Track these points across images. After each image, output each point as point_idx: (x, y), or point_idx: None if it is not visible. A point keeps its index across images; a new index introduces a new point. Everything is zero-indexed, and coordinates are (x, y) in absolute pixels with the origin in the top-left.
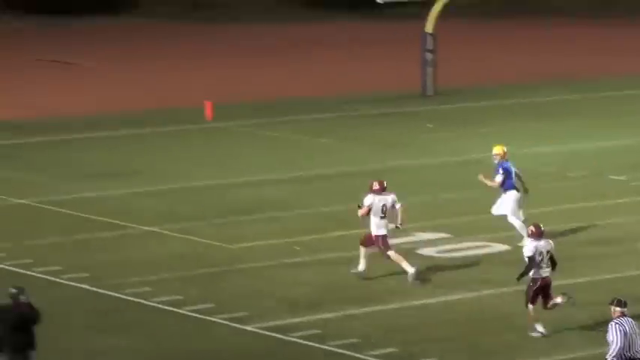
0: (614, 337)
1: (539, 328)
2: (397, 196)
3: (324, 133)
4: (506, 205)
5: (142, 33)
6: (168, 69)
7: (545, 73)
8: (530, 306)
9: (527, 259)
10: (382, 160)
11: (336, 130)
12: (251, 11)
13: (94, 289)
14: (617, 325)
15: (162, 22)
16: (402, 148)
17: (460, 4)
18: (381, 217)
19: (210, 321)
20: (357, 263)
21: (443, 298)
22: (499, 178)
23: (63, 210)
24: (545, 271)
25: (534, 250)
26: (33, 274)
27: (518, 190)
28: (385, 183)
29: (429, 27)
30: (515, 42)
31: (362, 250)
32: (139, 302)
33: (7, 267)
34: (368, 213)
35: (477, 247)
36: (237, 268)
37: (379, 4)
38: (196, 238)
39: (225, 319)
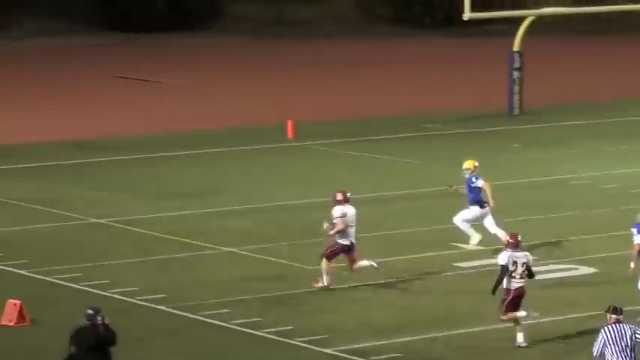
0: (599, 340)
1: (520, 338)
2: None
3: (408, 153)
4: (464, 213)
5: (222, 50)
6: (249, 86)
7: (635, 91)
8: (503, 317)
9: (500, 267)
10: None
11: (420, 150)
12: (334, 27)
13: (171, 310)
14: (604, 330)
15: (244, 38)
16: (487, 168)
17: (547, 20)
18: (350, 227)
19: (290, 343)
20: (321, 277)
21: (525, 322)
22: (465, 190)
23: (140, 230)
24: (519, 282)
25: (508, 260)
26: (109, 294)
27: (482, 207)
28: (348, 194)
29: (516, 44)
30: (604, 59)
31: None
32: (216, 324)
33: (83, 287)
34: (344, 223)
35: (563, 269)
36: (315, 290)
37: (464, 21)
38: (276, 259)
39: (304, 342)
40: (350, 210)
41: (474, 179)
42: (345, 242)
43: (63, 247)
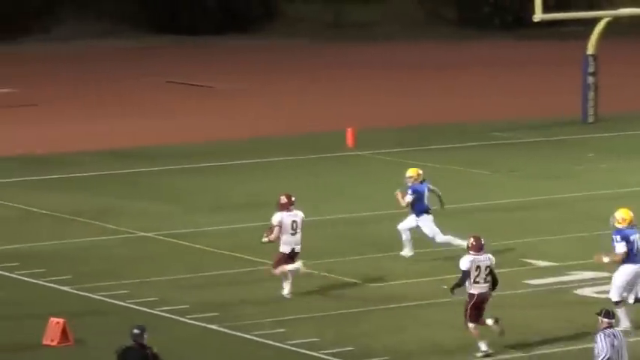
0: (602, 346)
1: (483, 346)
2: (550, 232)
3: (476, 163)
4: (429, 229)
5: (277, 53)
6: (305, 91)
7: None
8: (471, 325)
9: (462, 272)
10: (538, 193)
11: (488, 160)
12: (396, 29)
13: (223, 329)
14: (604, 336)
15: (300, 40)
16: (559, 179)
17: (623, 22)
18: (292, 234)
19: None
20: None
21: (592, 344)
22: (408, 198)
23: (191, 244)
24: (482, 287)
25: (470, 265)
26: (157, 312)
27: (429, 212)
28: (293, 198)
29: (591, 47)
30: None
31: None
32: (271, 344)
33: (130, 305)
34: (279, 232)
35: None
36: (376, 308)
37: (535, 22)
38: (333, 276)
39: None
40: (294, 216)
41: (419, 190)
42: (286, 250)
43: (109, 263)
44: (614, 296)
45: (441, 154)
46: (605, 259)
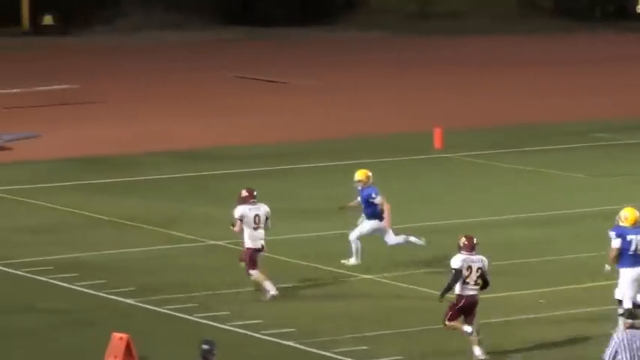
0: (615, 343)
1: (477, 351)
2: None
3: (573, 166)
4: (360, 227)
5: (359, 46)
6: (389, 88)
7: None
8: (448, 322)
9: (453, 272)
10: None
11: (587, 163)
12: (487, 21)
13: (301, 346)
14: (617, 335)
15: (384, 33)
16: None
17: None
18: (255, 229)
19: None
20: (264, 290)
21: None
22: (359, 201)
23: (266, 253)
24: (472, 289)
25: (462, 264)
26: (229, 328)
27: (381, 219)
28: (255, 192)
29: None
30: None
31: (254, 273)
32: None
33: (199, 320)
34: (241, 226)
35: None
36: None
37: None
38: (422, 288)
39: None
40: (257, 209)
41: (373, 194)
42: (255, 246)
43: (175, 273)
44: (628, 303)
45: (536, 156)
46: (607, 267)
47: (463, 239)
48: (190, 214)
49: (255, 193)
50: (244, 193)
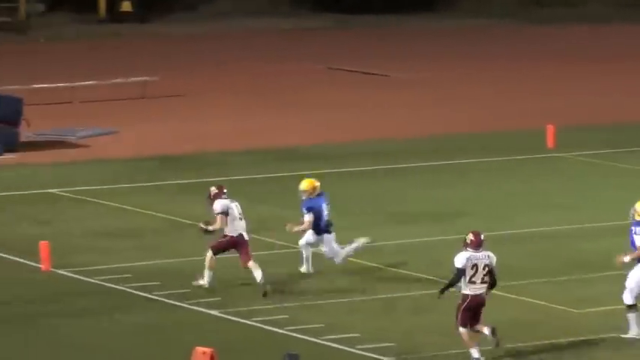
0: None
1: (475, 354)
2: None
3: None
4: (329, 249)
5: (464, 36)
6: (498, 82)
7: None
8: (462, 329)
9: (456, 270)
10: None
11: None
12: (607, 9)
13: None
14: None
15: (492, 21)
16: None
17: None
18: (240, 219)
19: None
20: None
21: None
22: (308, 217)
23: (364, 261)
24: (479, 288)
25: (466, 262)
26: (321, 342)
27: (329, 231)
28: (225, 189)
29: None
30: None
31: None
32: None
33: (288, 333)
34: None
35: None
36: (581, 339)
37: None
38: (531, 300)
39: None
40: (233, 202)
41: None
42: (234, 234)
43: (293, 283)
44: (628, 299)
45: None
46: (626, 259)
47: (470, 235)
48: (281, 217)
49: (225, 190)
50: (214, 190)
